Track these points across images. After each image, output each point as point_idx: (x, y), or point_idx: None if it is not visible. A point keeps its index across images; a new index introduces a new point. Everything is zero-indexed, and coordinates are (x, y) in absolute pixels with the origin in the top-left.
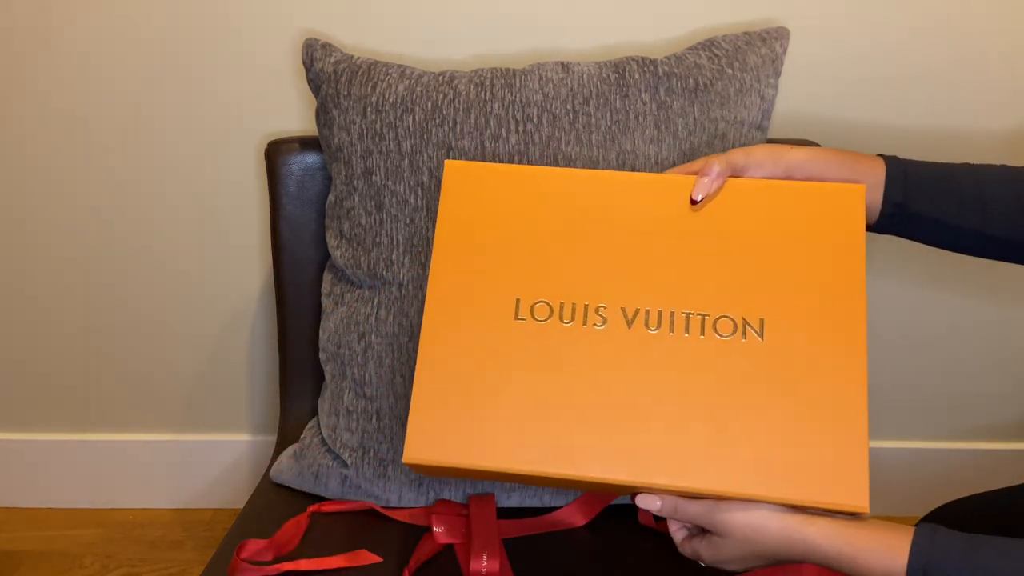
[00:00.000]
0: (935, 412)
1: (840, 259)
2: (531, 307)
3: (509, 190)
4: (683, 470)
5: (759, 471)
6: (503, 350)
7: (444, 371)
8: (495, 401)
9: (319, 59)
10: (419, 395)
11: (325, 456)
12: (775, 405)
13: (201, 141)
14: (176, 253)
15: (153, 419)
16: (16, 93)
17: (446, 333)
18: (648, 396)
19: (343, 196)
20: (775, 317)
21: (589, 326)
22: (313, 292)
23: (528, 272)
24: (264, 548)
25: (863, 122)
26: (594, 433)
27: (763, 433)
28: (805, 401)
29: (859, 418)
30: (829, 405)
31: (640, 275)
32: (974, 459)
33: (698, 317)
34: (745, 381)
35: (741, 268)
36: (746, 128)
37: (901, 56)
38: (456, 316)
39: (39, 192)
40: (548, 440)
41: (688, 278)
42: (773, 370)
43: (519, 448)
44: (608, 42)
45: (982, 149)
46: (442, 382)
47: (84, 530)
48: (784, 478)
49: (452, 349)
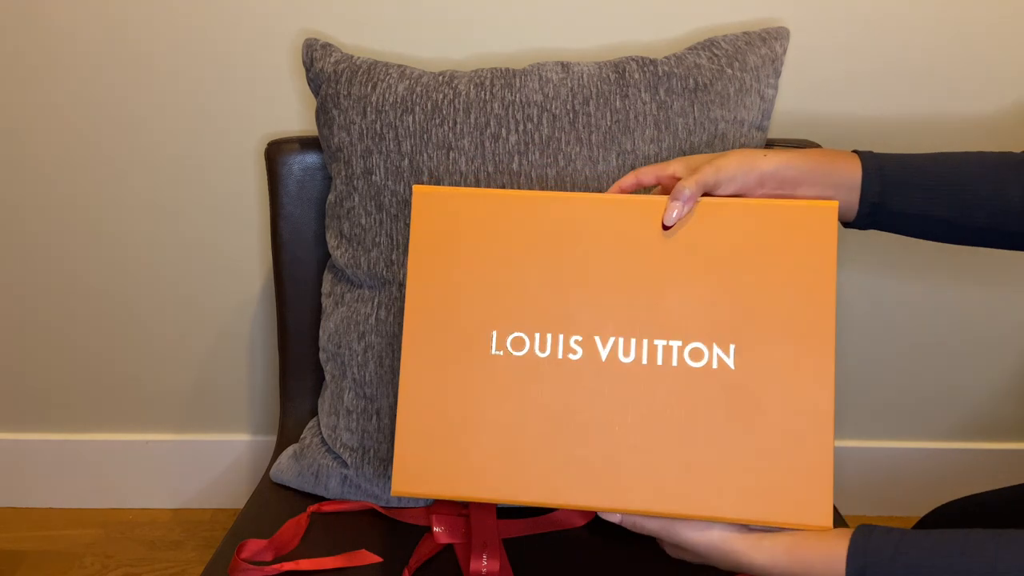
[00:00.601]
0: (934, 412)
1: (811, 280)
2: (507, 340)
3: (479, 216)
4: (655, 495)
5: (722, 493)
6: (482, 383)
7: (425, 405)
8: (476, 434)
9: (319, 59)
10: (403, 429)
11: (325, 456)
12: (742, 430)
13: (201, 141)
14: (176, 253)
15: (153, 419)
16: (15, 94)
17: (425, 368)
18: (621, 424)
19: (343, 196)
20: (745, 342)
21: (564, 357)
22: (313, 292)
23: (503, 304)
24: (264, 548)
25: (863, 121)
26: (570, 462)
27: (730, 457)
28: (772, 425)
29: (825, 438)
30: (796, 427)
31: (613, 303)
32: (974, 459)
33: (671, 346)
34: (714, 407)
35: (712, 292)
36: (746, 128)
37: (901, 55)
38: (434, 351)
39: (39, 192)
40: (526, 470)
41: (660, 305)
42: (742, 396)
43: (498, 479)
44: (608, 42)
45: (984, 145)
46: (424, 416)
47: (84, 530)
48: (746, 499)
49: (432, 384)
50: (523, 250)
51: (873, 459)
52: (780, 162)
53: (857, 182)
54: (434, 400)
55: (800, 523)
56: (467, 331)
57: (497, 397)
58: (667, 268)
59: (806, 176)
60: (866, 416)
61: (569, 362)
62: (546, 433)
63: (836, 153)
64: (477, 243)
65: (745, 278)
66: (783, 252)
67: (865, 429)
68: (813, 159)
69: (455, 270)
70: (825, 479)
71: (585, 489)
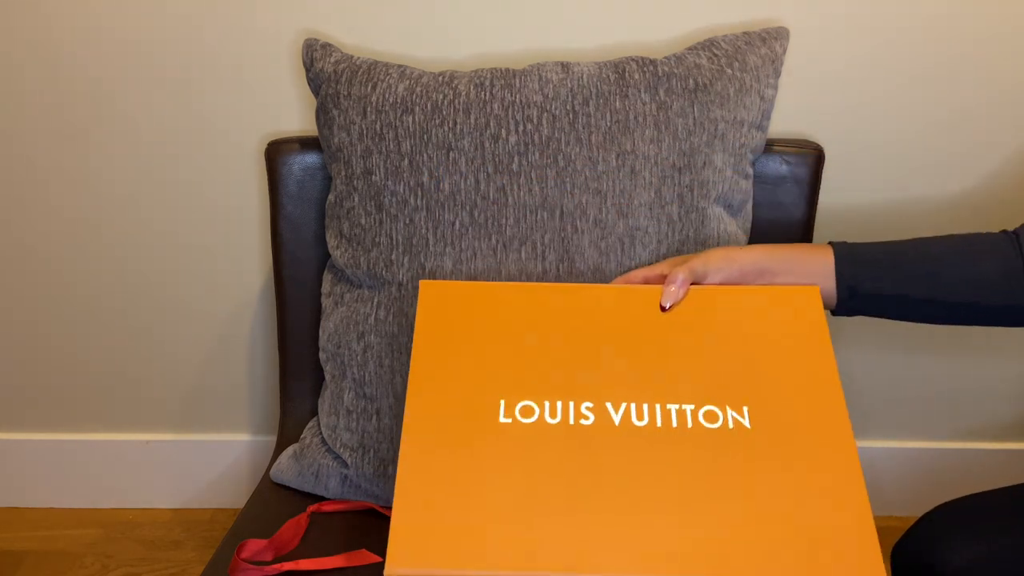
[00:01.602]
0: (935, 412)
1: (809, 348)
2: (516, 408)
3: (484, 305)
4: (687, 561)
5: (765, 556)
6: (489, 451)
7: (427, 479)
8: (483, 503)
9: (319, 59)
10: (401, 503)
11: (325, 456)
12: (772, 487)
13: (201, 141)
14: (176, 253)
15: (153, 419)
16: (16, 94)
17: (428, 437)
18: (642, 489)
19: (343, 196)
20: (757, 405)
21: (576, 423)
22: (313, 292)
23: (509, 375)
24: (264, 548)
25: (863, 121)
26: (589, 529)
27: (765, 516)
28: (802, 480)
29: (859, 492)
30: (826, 483)
31: (621, 373)
32: (974, 459)
33: (684, 409)
34: (739, 467)
35: (717, 364)
36: (746, 128)
37: (901, 55)
38: (437, 424)
39: (38, 193)
40: (541, 538)
41: (667, 375)
42: (764, 453)
43: (510, 549)
44: (608, 42)
45: (983, 145)
46: (425, 490)
47: (84, 530)
48: (791, 561)
49: (435, 456)
50: (527, 331)
51: (873, 459)
52: (757, 255)
53: (831, 269)
54: (437, 472)
55: None
56: (473, 403)
57: (506, 464)
58: (669, 344)
59: (783, 266)
60: (865, 416)
61: (581, 427)
62: (561, 498)
63: (811, 246)
64: (482, 327)
65: (746, 350)
66: (778, 327)
67: (865, 429)
68: (789, 252)
69: (460, 352)
70: (868, 530)
71: (605, 557)
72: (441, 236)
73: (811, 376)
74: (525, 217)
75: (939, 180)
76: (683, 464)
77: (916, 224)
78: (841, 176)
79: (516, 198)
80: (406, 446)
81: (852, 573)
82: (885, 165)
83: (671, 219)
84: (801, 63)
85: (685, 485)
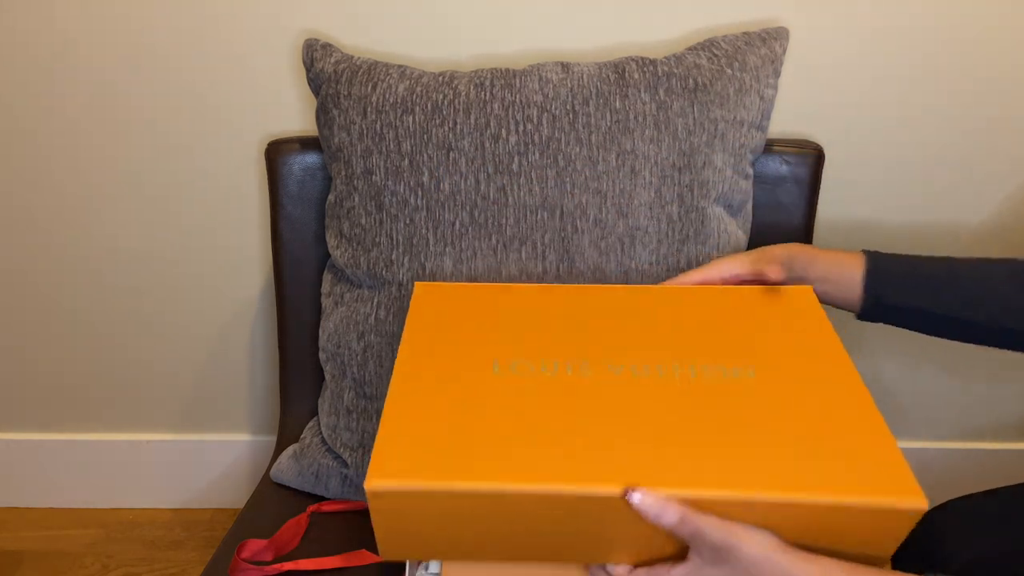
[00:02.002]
0: (935, 412)
1: (810, 325)
2: (510, 365)
3: (479, 298)
4: (697, 475)
5: (789, 472)
6: (480, 387)
7: (414, 404)
8: (469, 427)
9: (319, 59)
10: (386, 425)
11: (325, 456)
12: (786, 416)
13: (201, 141)
14: (176, 253)
15: (153, 419)
16: (16, 95)
17: (418, 377)
18: (645, 416)
19: (343, 196)
20: (762, 365)
21: (574, 374)
22: (313, 292)
23: (505, 344)
24: (264, 548)
25: (863, 121)
26: (585, 450)
27: (782, 436)
28: (815, 413)
29: (878, 421)
30: (841, 414)
31: (623, 339)
32: (974, 459)
33: (687, 366)
34: (748, 403)
35: (720, 337)
36: (745, 128)
37: (901, 55)
38: (430, 370)
39: (38, 192)
40: (532, 458)
41: (670, 344)
42: (772, 396)
43: (497, 465)
44: (608, 42)
45: (984, 145)
46: (412, 413)
47: (84, 530)
48: (822, 478)
49: (424, 386)
50: (524, 316)
51: None
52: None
53: (860, 275)
54: (424, 402)
55: (891, 503)
56: (466, 357)
57: (497, 397)
58: (668, 323)
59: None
60: None
61: (579, 377)
62: (555, 426)
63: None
64: (476, 313)
65: (747, 323)
66: (775, 310)
67: None
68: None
69: (453, 328)
70: (896, 454)
71: (606, 469)
72: (441, 236)
73: (813, 342)
74: (525, 217)
75: (939, 180)
76: (688, 400)
77: (916, 224)
78: (841, 176)
79: (516, 198)
80: (395, 383)
81: (892, 497)
82: (885, 165)
83: (671, 219)
84: (801, 63)
85: (690, 417)
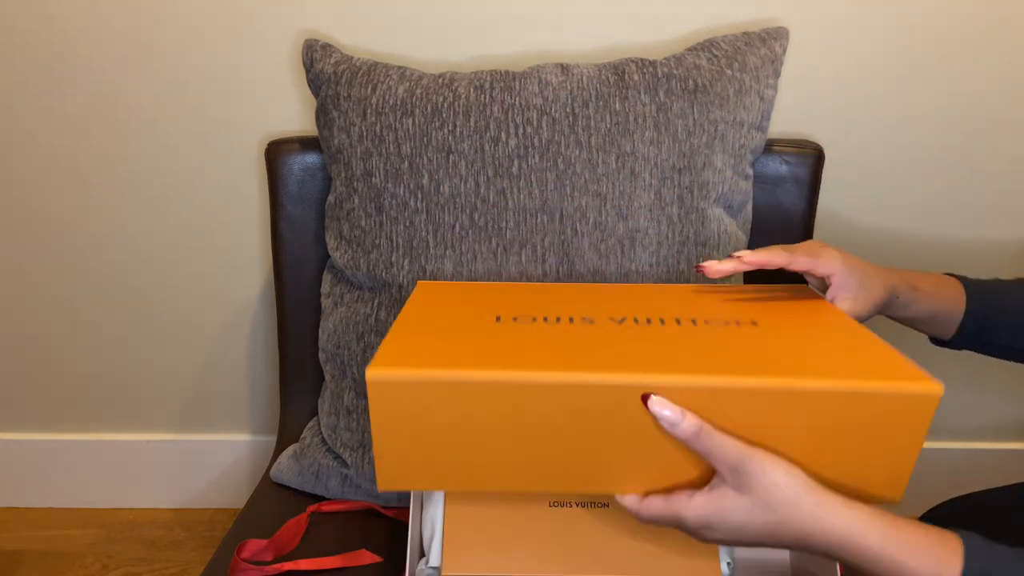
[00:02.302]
0: (936, 412)
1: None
2: (512, 317)
3: (479, 293)
4: (713, 367)
5: (807, 366)
6: (483, 329)
7: (417, 330)
8: (475, 343)
9: (319, 60)
10: (391, 337)
11: (325, 456)
12: (793, 344)
13: (201, 141)
14: (176, 253)
15: (153, 419)
16: (16, 95)
17: (423, 320)
18: (655, 341)
19: (343, 198)
20: (765, 321)
21: (577, 324)
22: (313, 292)
23: (507, 301)
24: (264, 548)
25: (863, 121)
26: (596, 353)
27: (793, 349)
28: (821, 342)
29: (885, 346)
30: (848, 342)
31: (623, 306)
32: (974, 459)
33: (688, 319)
34: (753, 336)
35: (723, 306)
36: (745, 129)
37: (901, 55)
38: (436, 315)
39: (38, 192)
40: (542, 353)
41: (670, 307)
42: (778, 335)
43: (506, 358)
44: (607, 44)
45: (984, 144)
46: (415, 333)
47: (84, 530)
48: (839, 369)
49: (430, 324)
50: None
51: None
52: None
53: (962, 298)
54: (430, 329)
55: (906, 384)
56: (468, 312)
57: (501, 333)
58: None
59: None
60: None
61: (583, 325)
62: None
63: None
64: (474, 300)
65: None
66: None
67: None
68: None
69: (455, 294)
70: (903, 359)
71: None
72: (441, 239)
73: (817, 307)
74: (525, 220)
75: (939, 180)
76: (694, 336)
77: (916, 225)
78: (841, 176)
79: (516, 201)
80: (402, 318)
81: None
82: (885, 165)
83: (671, 220)
84: (801, 63)
85: (699, 342)
